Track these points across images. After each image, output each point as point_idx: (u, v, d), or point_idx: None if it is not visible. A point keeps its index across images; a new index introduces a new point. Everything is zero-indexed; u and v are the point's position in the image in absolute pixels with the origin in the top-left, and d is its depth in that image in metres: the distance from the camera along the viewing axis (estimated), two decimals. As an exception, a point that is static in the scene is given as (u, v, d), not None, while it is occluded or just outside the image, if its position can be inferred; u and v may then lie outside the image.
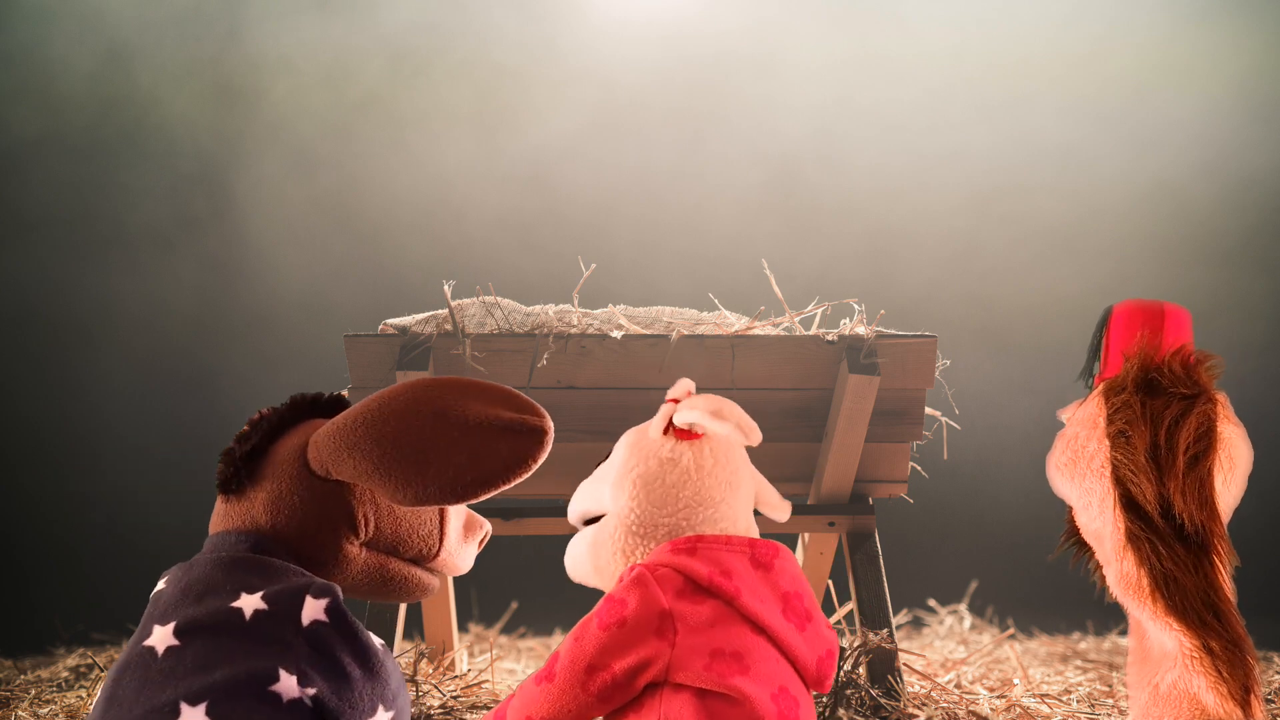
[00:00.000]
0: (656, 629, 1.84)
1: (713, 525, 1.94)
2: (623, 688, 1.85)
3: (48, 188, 5.06)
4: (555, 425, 2.86)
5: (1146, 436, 2.29)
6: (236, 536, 1.75)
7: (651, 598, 1.85)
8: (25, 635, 4.04)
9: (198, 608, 1.67)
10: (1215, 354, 2.39)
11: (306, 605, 1.66)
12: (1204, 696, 2.17)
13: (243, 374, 4.96)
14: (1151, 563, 2.24)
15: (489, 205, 5.20)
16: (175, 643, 1.65)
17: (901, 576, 3.47)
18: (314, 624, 1.66)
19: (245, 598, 1.66)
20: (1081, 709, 2.76)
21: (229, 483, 1.79)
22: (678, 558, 1.89)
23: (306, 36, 5.16)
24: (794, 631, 1.89)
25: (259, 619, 1.65)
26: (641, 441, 2.01)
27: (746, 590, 1.87)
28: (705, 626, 1.84)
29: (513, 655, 3.83)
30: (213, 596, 1.68)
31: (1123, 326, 2.45)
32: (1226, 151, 5.19)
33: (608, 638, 1.85)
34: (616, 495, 1.98)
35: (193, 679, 1.61)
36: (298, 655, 1.64)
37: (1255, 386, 4.85)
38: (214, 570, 1.71)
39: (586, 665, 1.86)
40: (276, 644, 1.63)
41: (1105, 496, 2.30)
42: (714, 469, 1.97)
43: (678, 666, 1.83)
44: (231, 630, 1.64)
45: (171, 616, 1.68)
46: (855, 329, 2.85)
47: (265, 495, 1.77)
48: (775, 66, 5.30)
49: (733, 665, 1.83)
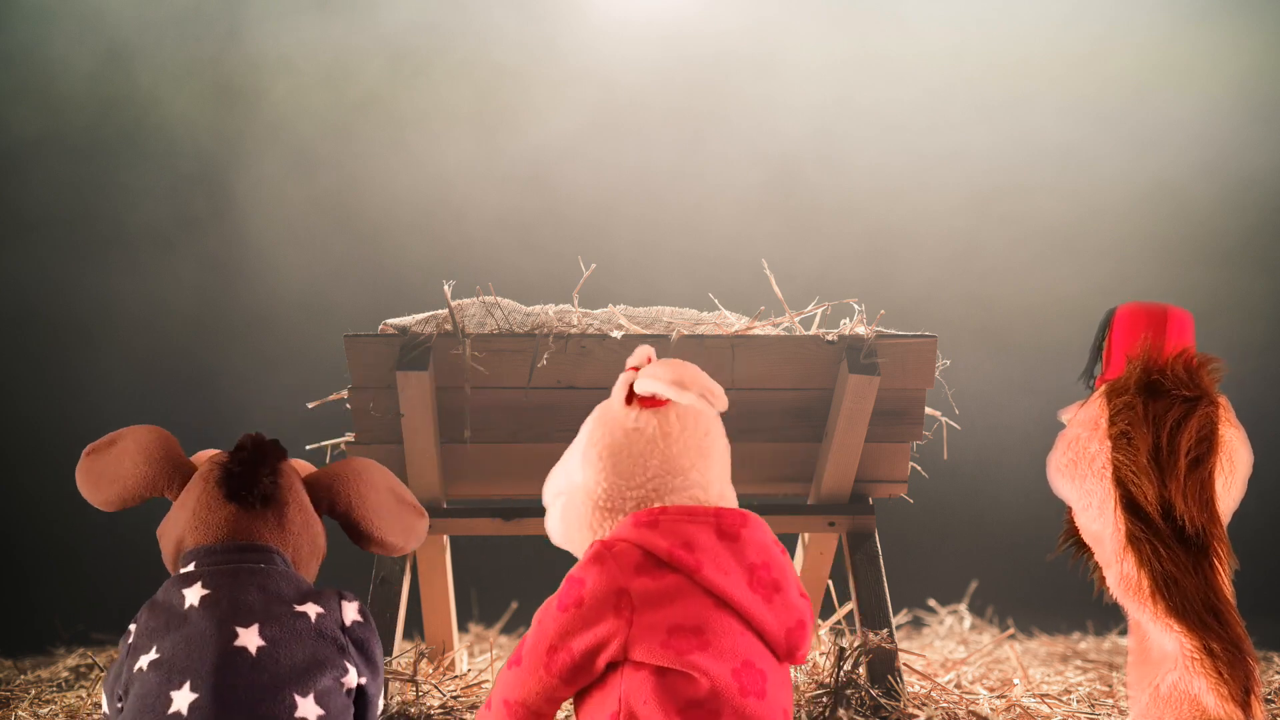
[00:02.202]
0: (614, 606, 1.82)
1: (682, 493, 1.90)
2: (583, 669, 1.85)
3: (48, 188, 5.06)
4: (555, 425, 2.88)
5: (1148, 438, 2.29)
6: (272, 551, 1.99)
7: (608, 575, 1.84)
8: (25, 635, 4.04)
9: (269, 613, 1.90)
10: (1217, 357, 2.39)
11: (345, 609, 1.95)
12: (1205, 698, 2.17)
13: (243, 374, 4.96)
14: (1152, 564, 2.24)
15: (489, 205, 5.19)
16: (263, 644, 1.87)
17: (901, 576, 3.46)
18: (354, 624, 1.95)
19: (302, 605, 1.93)
20: (1081, 709, 2.76)
21: (254, 500, 2.01)
22: (638, 531, 1.86)
23: (306, 36, 5.16)
24: (760, 603, 1.85)
25: (320, 622, 1.92)
26: (605, 413, 1.97)
27: (709, 563, 1.84)
28: (664, 602, 1.82)
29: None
30: (277, 604, 1.92)
31: (1125, 328, 2.45)
32: (1226, 151, 5.19)
33: (567, 618, 1.85)
34: (584, 469, 1.95)
35: (297, 675, 1.86)
36: (349, 651, 1.93)
37: (1255, 387, 4.85)
38: (266, 579, 1.94)
39: (548, 646, 1.86)
40: (337, 644, 1.92)
41: (1106, 498, 2.30)
42: (681, 435, 1.92)
43: (635, 644, 1.81)
44: (306, 634, 1.90)
45: (251, 620, 1.89)
46: (855, 329, 2.85)
47: (286, 519, 2.02)
48: (775, 66, 5.29)
49: (691, 640, 1.80)
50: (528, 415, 2.90)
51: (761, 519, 1.93)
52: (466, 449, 2.93)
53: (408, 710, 2.56)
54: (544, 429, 2.90)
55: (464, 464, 2.96)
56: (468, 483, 3.01)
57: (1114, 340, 2.47)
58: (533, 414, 2.90)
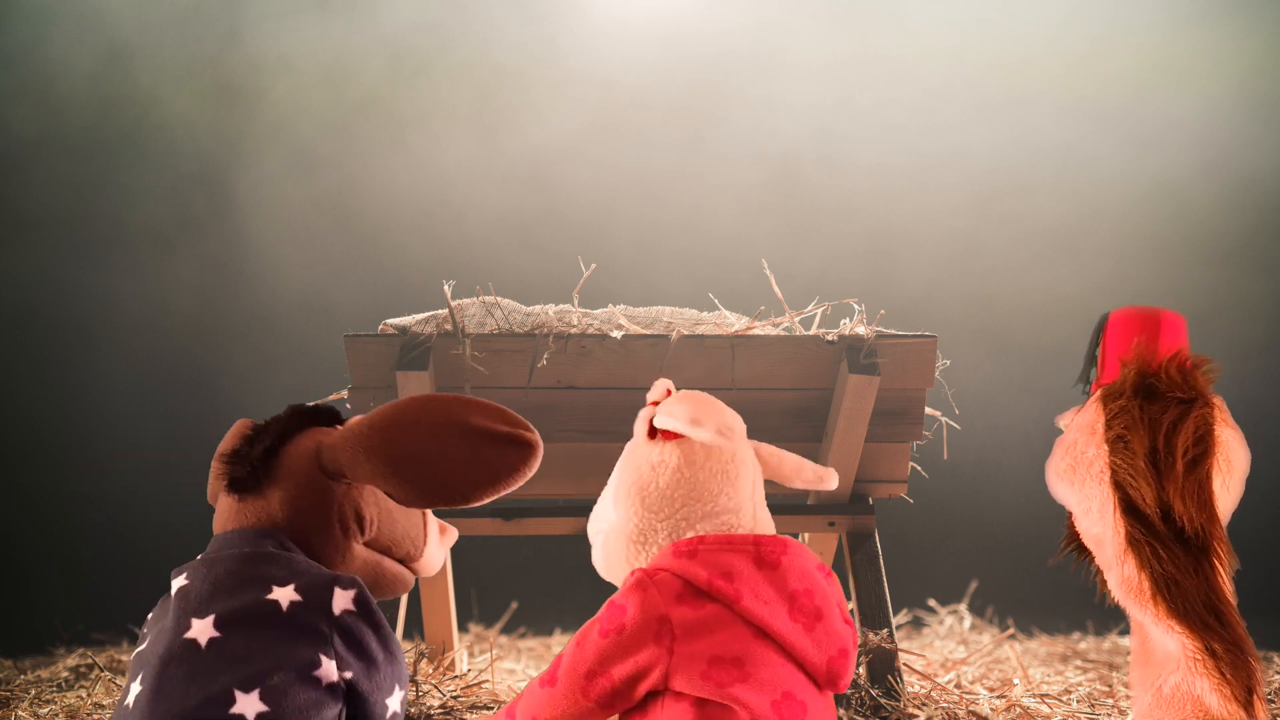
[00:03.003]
0: (655, 635, 1.82)
1: (713, 520, 1.91)
2: (622, 695, 1.85)
3: (48, 188, 5.06)
4: (555, 425, 2.88)
5: (1145, 441, 2.29)
6: (256, 533, 1.87)
7: (650, 603, 1.84)
8: (25, 635, 4.03)
9: (233, 600, 1.79)
10: (1212, 358, 2.40)
11: (336, 596, 1.81)
12: (1207, 698, 2.17)
13: (243, 374, 4.96)
14: (1152, 566, 2.24)
15: (489, 205, 5.19)
16: (217, 634, 1.77)
17: (901, 576, 3.46)
18: (344, 613, 1.80)
19: (278, 590, 1.80)
20: (1081, 709, 2.75)
21: (245, 483, 1.91)
22: (678, 561, 1.87)
23: (306, 36, 5.16)
24: (801, 632, 1.85)
25: (295, 609, 1.79)
26: (631, 450, 2.00)
27: (748, 592, 1.84)
28: (705, 632, 1.82)
29: (513, 655, 3.83)
30: (245, 590, 1.80)
31: (1119, 333, 2.46)
32: (1226, 151, 5.18)
33: (607, 644, 1.85)
34: (616, 507, 1.98)
35: (243, 667, 1.74)
36: (333, 642, 1.79)
37: (1255, 387, 4.85)
38: (241, 565, 1.83)
39: (586, 671, 1.86)
40: (313, 633, 1.78)
41: (1105, 501, 2.30)
42: (706, 463, 1.93)
43: (675, 674, 1.81)
44: (271, 621, 1.78)
45: (208, 610, 1.79)
46: (855, 329, 2.85)
47: (282, 494, 1.90)
48: (775, 66, 5.29)
49: (731, 672, 1.80)
50: (528, 415, 2.88)
51: (803, 545, 1.93)
52: (466, 449, 2.93)
53: (408, 710, 2.55)
54: (544, 429, 2.88)
55: (464, 464, 2.96)
56: (468, 483, 3.01)
57: (1108, 345, 2.48)
58: (533, 414, 2.89)
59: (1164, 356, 2.37)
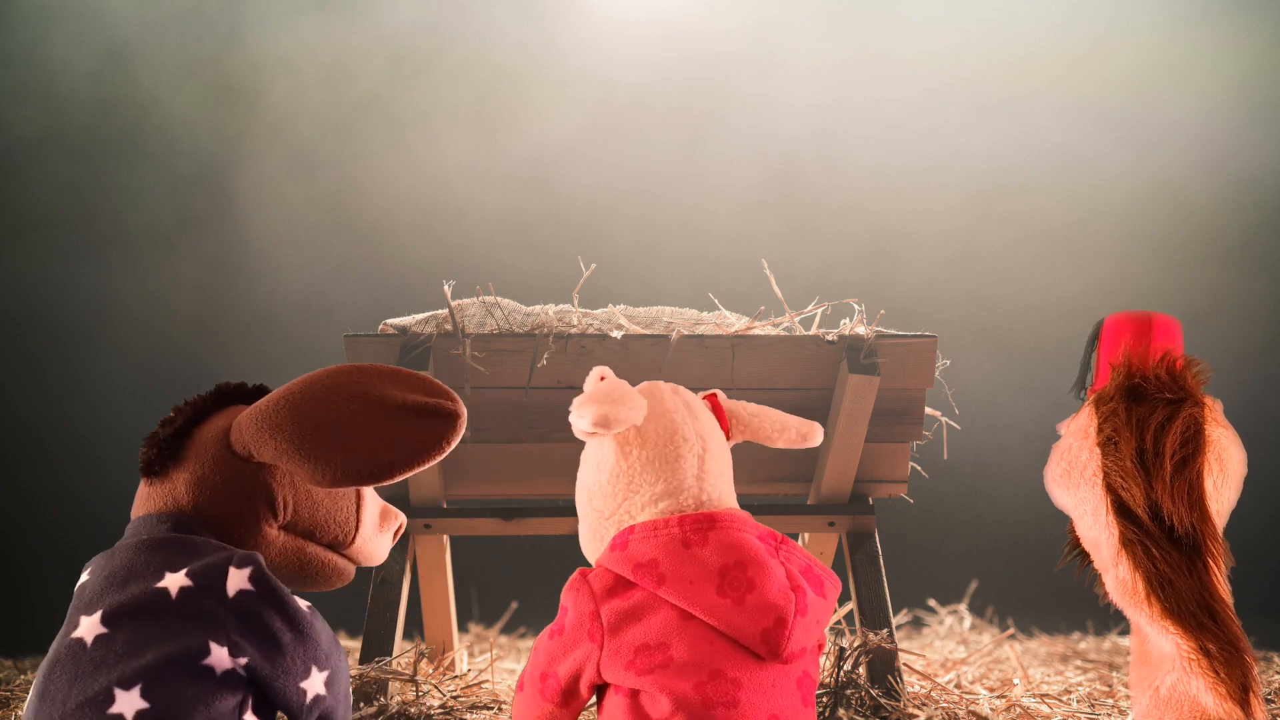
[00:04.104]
0: (588, 631, 1.84)
1: (653, 508, 1.90)
2: (572, 693, 1.88)
3: (48, 188, 5.06)
4: (555, 425, 2.88)
5: (1133, 442, 2.30)
6: (158, 518, 1.76)
7: (582, 600, 1.86)
8: (25, 635, 4.03)
9: (123, 593, 1.68)
10: (1212, 359, 2.41)
11: (231, 576, 1.67)
12: (1203, 698, 2.17)
13: (243, 374, 4.92)
14: (1146, 567, 2.24)
15: (489, 205, 5.19)
16: (104, 630, 1.65)
17: (901, 576, 3.46)
18: (240, 594, 1.67)
19: (170, 576, 1.67)
20: (1081, 709, 2.75)
21: (152, 465, 1.80)
22: (611, 554, 1.89)
23: (306, 36, 5.16)
24: (729, 608, 1.80)
25: (185, 595, 1.66)
26: (584, 452, 2.03)
27: (672, 576, 1.82)
28: (632, 621, 1.82)
29: (513, 655, 3.83)
30: (137, 580, 1.68)
31: (1112, 338, 2.47)
32: (1226, 151, 5.19)
33: (553, 645, 1.89)
34: (578, 511, 2.02)
35: (124, 664, 1.62)
36: (227, 627, 1.65)
37: (1255, 387, 4.85)
38: (136, 554, 1.72)
39: (540, 673, 1.90)
40: (204, 618, 1.64)
41: (1099, 504, 2.31)
42: (642, 449, 1.93)
43: (605, 666, 1.83)
44: (159, 610, 1.65)
45: (98, 605, 1.68)
46: (855, 329, 2.85)
47: (187, 476, 1.78)
48: (775, 66, 5.29)
49: (655, 657, 1.79)
50: (528, 415, 2.90)
51: (739, 515, 1.91)
52: (466, 449, 2.93)
53: (408, 710, 2.55)
54: (544, 429, 2.90)
55: (464, 464, 2.96)
56: (468, 483, 3.01)
57: (1102, 351, 2.49)
58: (533, 414, 2.89)
59: (1154, 358, 2.39)
